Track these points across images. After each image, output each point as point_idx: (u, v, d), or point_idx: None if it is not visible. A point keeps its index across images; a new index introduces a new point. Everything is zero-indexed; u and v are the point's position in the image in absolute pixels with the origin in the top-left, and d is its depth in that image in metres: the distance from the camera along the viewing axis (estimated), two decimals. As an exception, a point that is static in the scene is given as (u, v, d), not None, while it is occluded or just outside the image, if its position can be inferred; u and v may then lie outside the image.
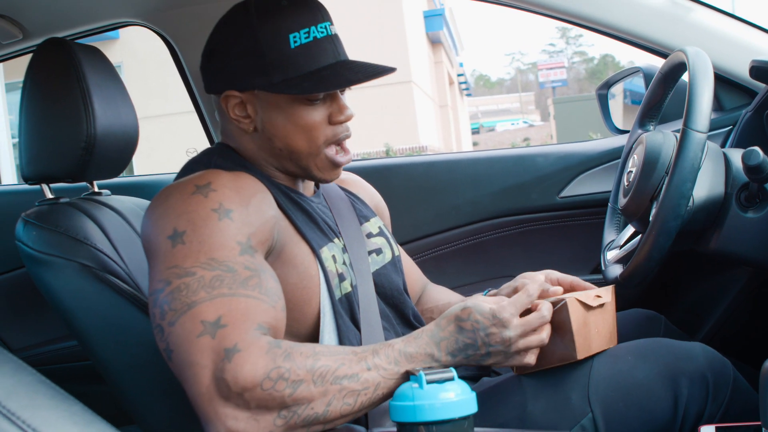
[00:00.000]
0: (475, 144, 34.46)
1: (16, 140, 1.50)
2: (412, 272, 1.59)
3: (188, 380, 1.00)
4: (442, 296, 1.58)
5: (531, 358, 1.15)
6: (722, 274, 1.78)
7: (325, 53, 1.22)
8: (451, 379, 1.01)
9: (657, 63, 1.93)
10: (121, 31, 2.10)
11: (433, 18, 20.47)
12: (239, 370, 0.97)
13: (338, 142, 1.26)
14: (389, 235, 1.46)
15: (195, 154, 1.35)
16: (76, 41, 1.63)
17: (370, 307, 1.29)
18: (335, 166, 1.27)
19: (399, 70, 1.32)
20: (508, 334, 1.12)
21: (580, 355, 1.19)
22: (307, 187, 1.35)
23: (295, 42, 1.20)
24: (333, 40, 1.25)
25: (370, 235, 1.40)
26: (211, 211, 1.10)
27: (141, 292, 1.40)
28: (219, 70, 1.25)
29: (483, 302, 1.13)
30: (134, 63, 12.43)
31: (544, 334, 1.15)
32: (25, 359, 1.95)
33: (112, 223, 1.48)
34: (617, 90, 2.20)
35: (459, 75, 31.16)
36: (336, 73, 1.21)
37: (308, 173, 1.27)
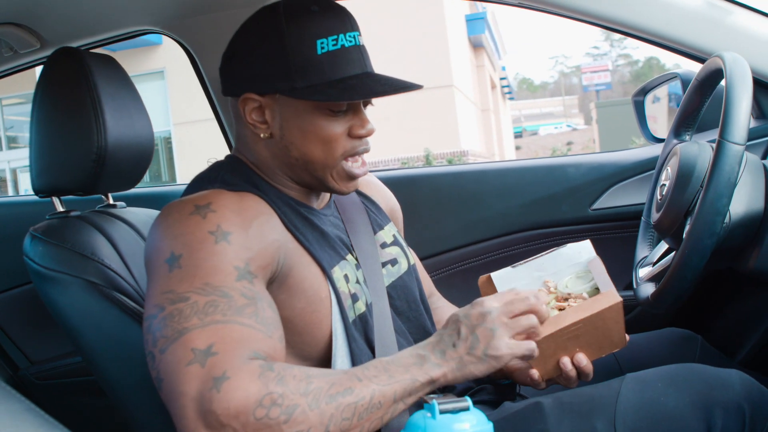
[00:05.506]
0: (518, 148, 34.29)
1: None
2: (425, 284, 1.53)
3: (176, 412, 0.94)
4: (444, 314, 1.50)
5: (526, 345, 1.06)
6: (765, 293, 1.69)
7: (352, 62, 1.17)
8: (466, 408, 0.96)
9: (696, 69, 1.85)
10: (163, 36, 2.11)
11: (475, 22, 20.41)
12: (230, 399, 0.91)
13: (356, 156, 1.21)
14: (404, 244, 1.41)
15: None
16: (92, 50, 1.60)
17: (384, 326, 1.24)
18: (352, 177, 1.22)
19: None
20: (486, 309, 1.05)
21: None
22: (318, 199, 1.30)
23: (322, 48, 1.15)
24: (361, 50, 1.20)
25: (384, 245, 1.36)
26: (207, 233, 1.05)
27: (150, 308, 1.36)
28: (239, 72, 1.20)
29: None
30: (177, 67, 12.57)
31: (534, 319, 1.07)
32: (46, 372, 1.95)
33: (123, 237, 1.44)
34: (661, 93, 2.12)
35: (501, 78, 31.04)
36: (362, 84, 1.16)
37: (324, 184, 1.22)
